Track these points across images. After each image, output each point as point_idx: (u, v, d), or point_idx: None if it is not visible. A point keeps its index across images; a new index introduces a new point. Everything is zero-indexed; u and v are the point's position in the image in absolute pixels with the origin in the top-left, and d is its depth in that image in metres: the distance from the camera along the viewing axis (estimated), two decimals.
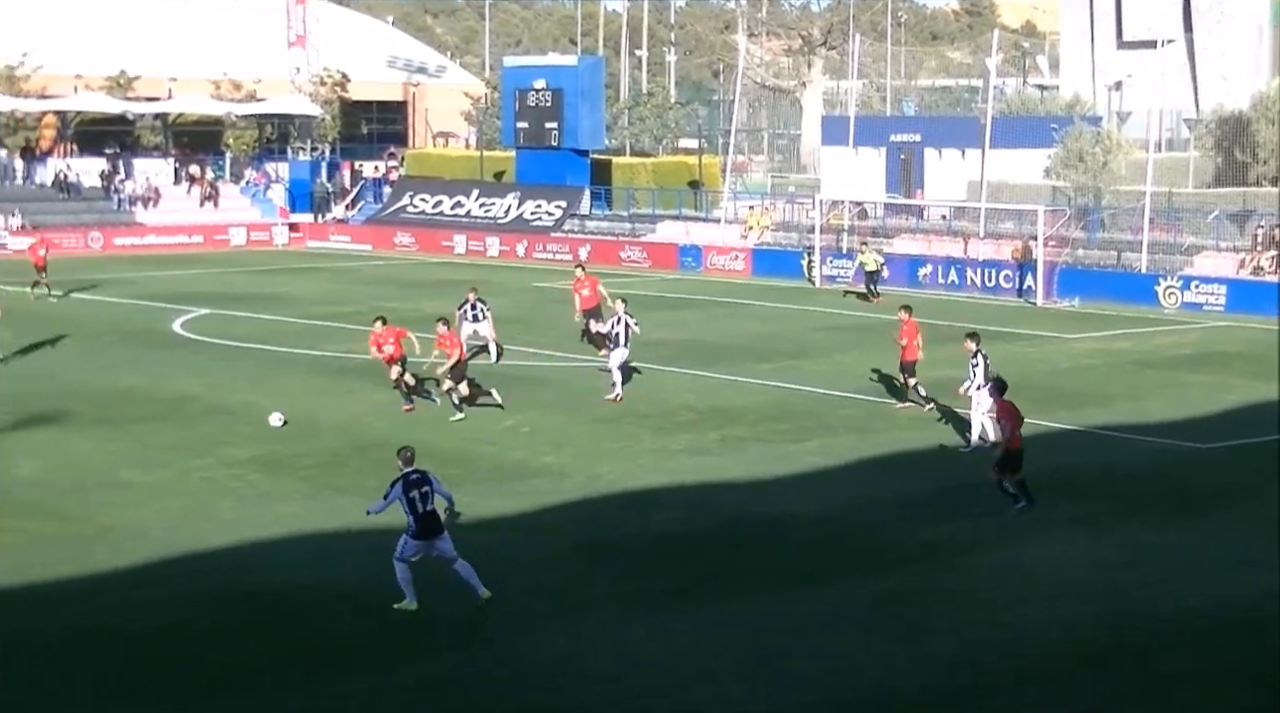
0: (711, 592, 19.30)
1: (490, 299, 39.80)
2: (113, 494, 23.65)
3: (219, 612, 18.28)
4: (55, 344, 38.79)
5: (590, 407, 31.25)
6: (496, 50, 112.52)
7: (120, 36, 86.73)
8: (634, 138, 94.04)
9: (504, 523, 22.48)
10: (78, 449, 26.80)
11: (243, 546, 21.09)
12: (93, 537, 21.32)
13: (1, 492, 23.61)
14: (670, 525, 22.54)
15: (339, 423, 29.21)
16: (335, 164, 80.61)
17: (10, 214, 67.50)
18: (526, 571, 20.12)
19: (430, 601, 18.64)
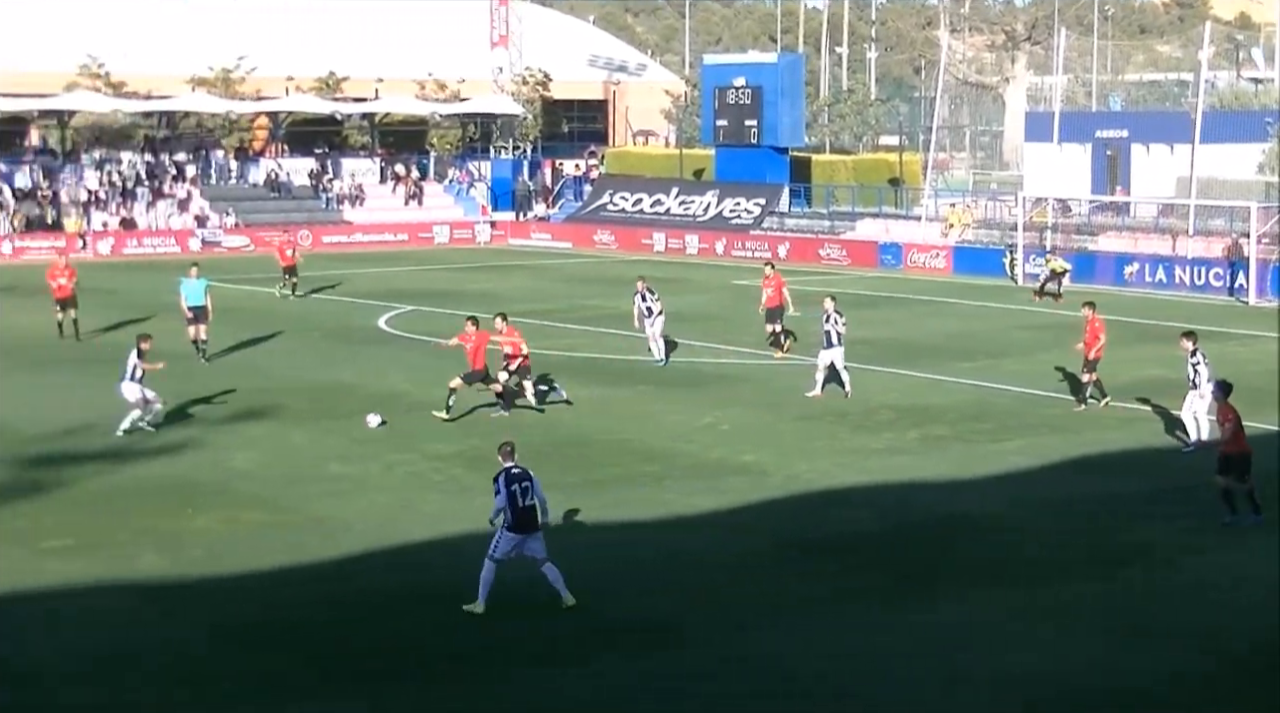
0: (912, 592, 19.19)
1: (689, 297, 40.01)
2: (323, 487, 24.22)
3: (420, 605, 18.63)
4: (266, 341, 39.78)
5: (790, 405, 31.22)
6: (696, 48, 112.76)
7: (329, 39, 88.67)
8: (834, 135, 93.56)
9: (704, 521, 22.57)
10: (290, 443, 27.48)
11: (444, 539, 21.43)
12: (303, 527, 21.86)
13: (218, 483, 24.31)
14: (870, 525, 22.45)
15: (542, 419, 29.54)
16: (536, 163, 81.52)
17: (224, 213, 69.42)
18: (728, 569, 20.19)
19: (633, 600, 18.81)
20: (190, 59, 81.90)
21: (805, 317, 37.48)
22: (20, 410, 30.03)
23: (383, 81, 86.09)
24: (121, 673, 16.24)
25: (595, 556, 20.77)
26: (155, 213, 68.79)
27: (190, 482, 24.21)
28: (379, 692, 15.83)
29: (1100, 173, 65.14)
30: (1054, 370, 34.64)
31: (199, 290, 36.83)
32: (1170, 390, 32.50)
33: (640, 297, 36.19)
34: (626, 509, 23.05)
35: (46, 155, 73.01)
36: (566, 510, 22.90)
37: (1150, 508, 23.23)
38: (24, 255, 62.50)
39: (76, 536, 20.96)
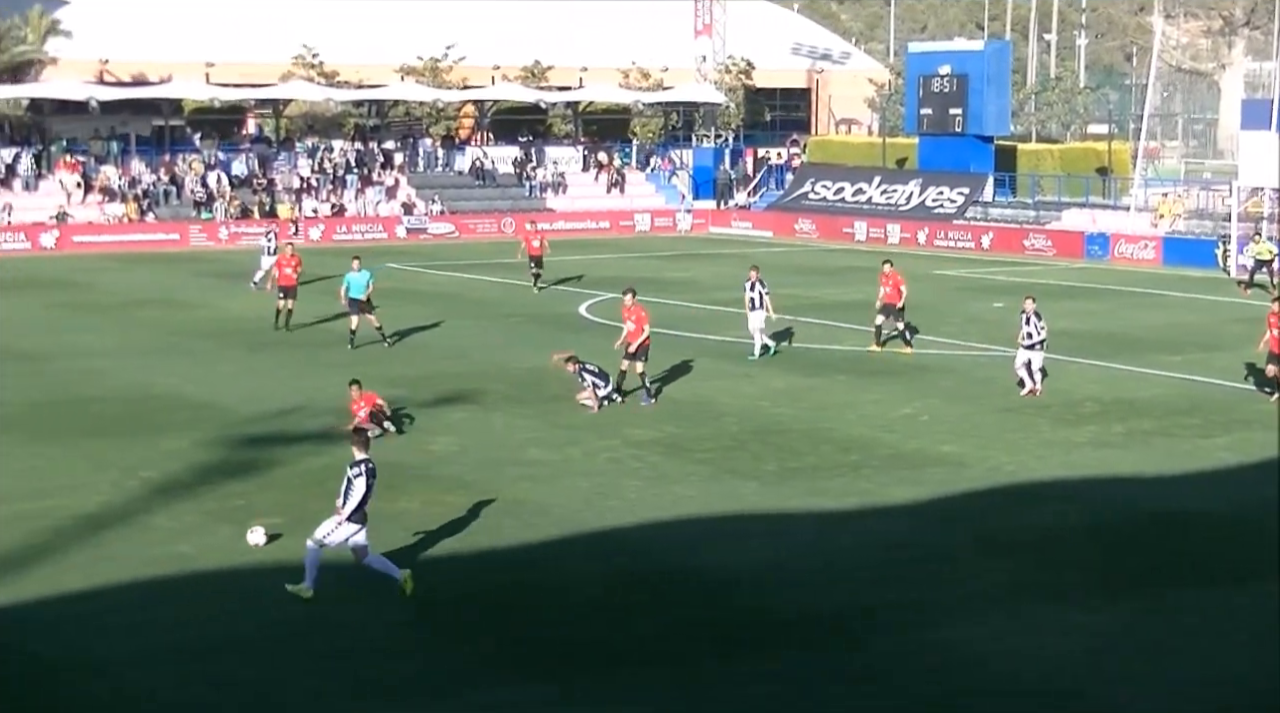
0: (1116, 588, 18.81)
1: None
2: (522, 471, 24.46)
3: (618, 590, 18.72)
4: (467, 326, 40.28)
5: (991, 396, 30.80)
6: (901, 36, 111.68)
7: (535, 29, 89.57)
8: (1040, 124, 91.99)
9: (902, 511, 22.38)
10: (492, 427, 27.81)
11: (643, 526, 21.51)
12: (503, 511, 22.10)
13: (420, 466, 24.71)
14: (1073, 519, 22.06)
15: (739, 407, 29.54)
16: (738, 151, 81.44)
17: (430, 200, 70.54)
18: (928, 560, 20.00)
19: (829, 589, 18.73)
20: (400, 49, 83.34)
21: (1003, 308, 36.80)
22: (234, 393, 30.85)
23: (587, 70, 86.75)
24: (317, 648, 16.59)
25: (792, 544, 20.72)
26: (364, 200, 70.16)
27: (393, 464, 24.58)
28: (570, 678, 15.94)
29: None
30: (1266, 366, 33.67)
31: (361, 283, 36.76)
32: None
33: (750, 286, 35.74)
34: (824, 498, 22.95)
35: (262, 144, 74.90)
36: (763, 499, 22.88)
37: None
38: (239, 241, 64.18)
39: (286, 514, 21.45)
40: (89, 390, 31.03)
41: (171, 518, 21.47)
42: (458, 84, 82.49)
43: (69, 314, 42.88)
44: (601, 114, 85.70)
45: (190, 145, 72.58)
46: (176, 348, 36.51)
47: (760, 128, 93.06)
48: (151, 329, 39.81)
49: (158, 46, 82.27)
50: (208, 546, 19.96)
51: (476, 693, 15.44)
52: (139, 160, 68.90)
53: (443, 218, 69.60)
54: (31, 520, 21.18)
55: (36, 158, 67.24)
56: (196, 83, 75.49)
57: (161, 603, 18.05)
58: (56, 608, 17.68)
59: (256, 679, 15.72)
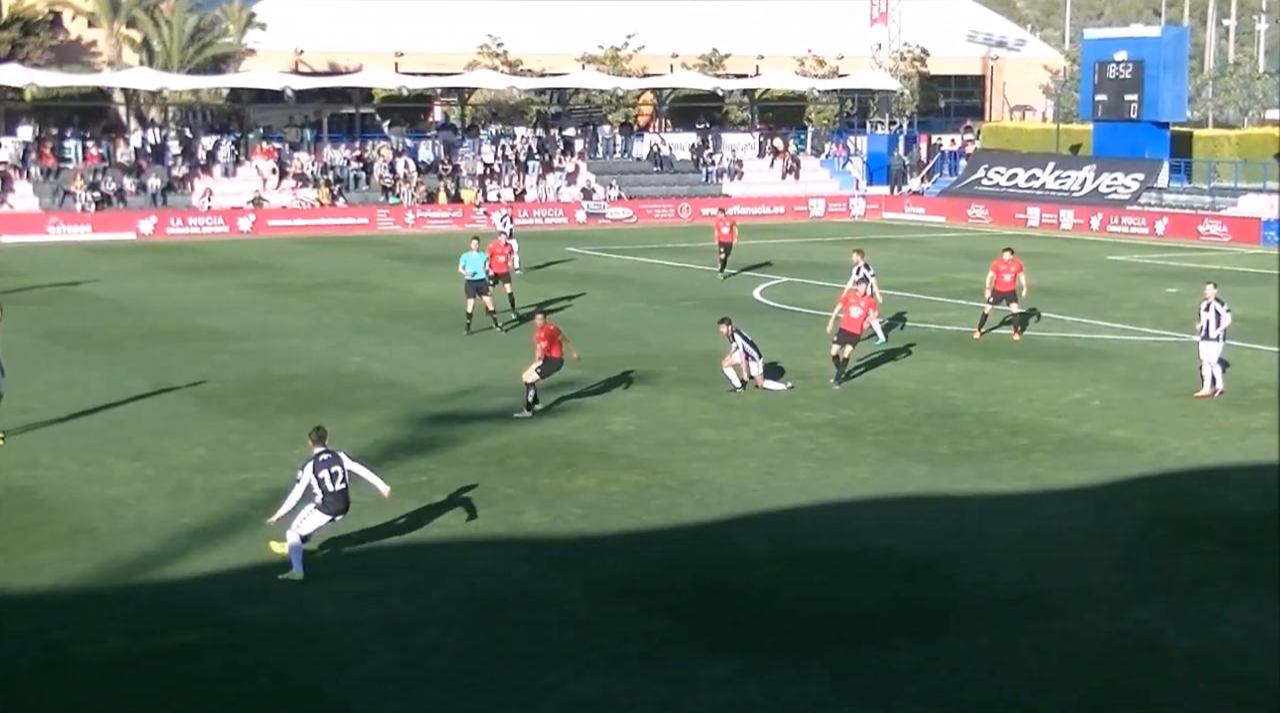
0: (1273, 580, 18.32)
1: (1063, 272, 38.94)
2: (696, 451, 24.48)
3: (796, 569, 18.66)
4: (644, 309, 40.39)
5: (1163, 382, 30.15)
6: (1077, 22, 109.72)
7: (713, 17, 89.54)
8: (1217, 109, 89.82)
9: (1073, 495, 22.02)
10: (666, 408, 27.87)
11: (816, 506, 21.42)
12: (677, 489, 22.13)
13: (598, 445, 24.85)
14: (1247, 506, 21.53)
15: (911, 391, 29.27)
16: (913, 137, 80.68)
17: (609, 186, 70.86)
18: (1098, 544, 19.66)
19: (1004, 571, 18.50)
20: (581, 38, 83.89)
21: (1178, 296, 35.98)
22: (418, 372, 31.30)
23: (763, 58, 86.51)
24: (500, 622, 16.77)
25: (965, 526, 20.48)
26: (545, 185, 70.71)
27: (571, 443, 24.81)
28: (757, 653, 15.91)
29: None
30: None
31: (479, 263, 36.25)
32: None
33: (856, 270, 35.07)
34: (995, 481, 22.65)
35: (448, 131, 75.84)
36: (935, 481, 22.66)
37: None
38: (425, 225, 65.07)
39: (467, 491, 21.70)
40: (282, 368, 31.69)
41: (358, 493, 21.82)
42: (637, 72, 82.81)
43: (263, 295, 43.83)
44: (777, 101, 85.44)
45: (379, 132, 73.80)
46: (364, 328, 37.13)
47: (934, 114, 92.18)
48: (341, 310, 40.53)
49: (349, 37, 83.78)
50: (392, 521, 20.26)
51: (667, 668, 15.49)
52: (331, 147, 70.17)
53: (621, 203, 69.88)
54: (229, 493, 21.69)
55: (235, 145, 68.84)
56: (386, 72, 76.73)
57: (355, 575, 18.34)
58: (256, 578, 18.07)
59: (460, 651, 15.93)
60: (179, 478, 22.52)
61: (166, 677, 15.18)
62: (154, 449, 24.31)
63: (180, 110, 76.44)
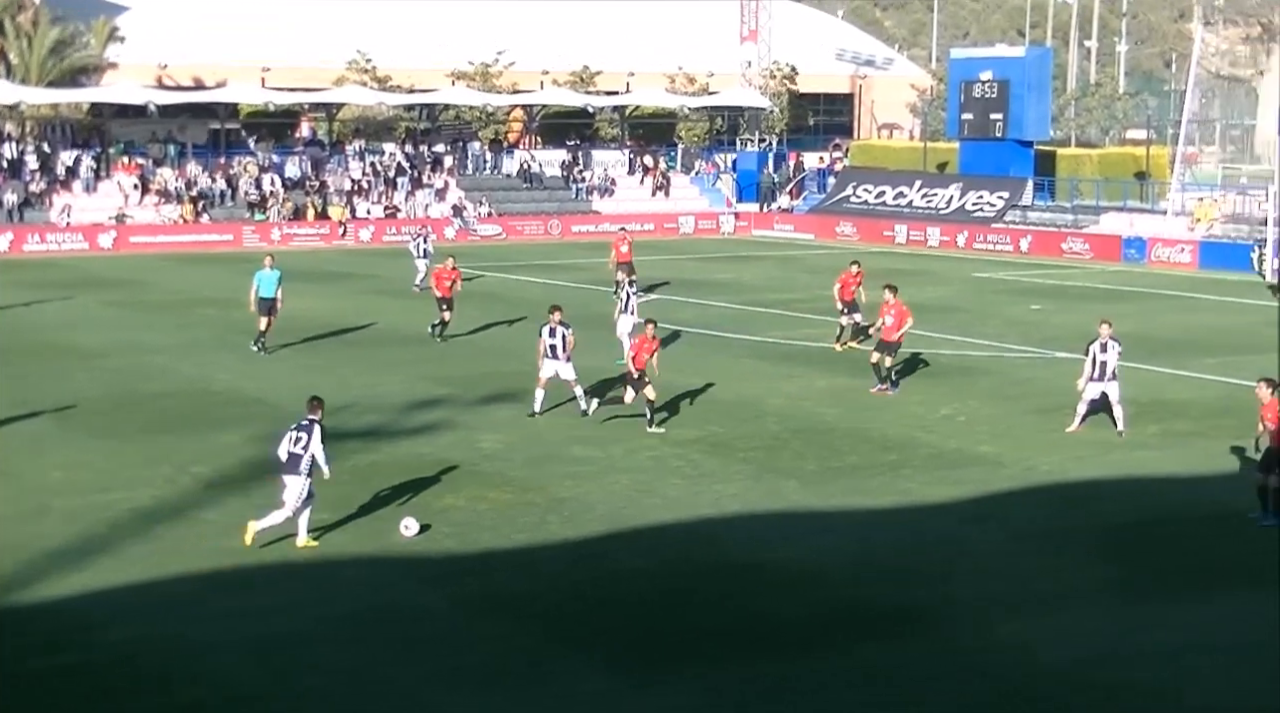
0: (1158, 588, 18.69)
1: (930, 289, 39.42)
2: (566, 468, 24.47)
3: (660, 587, 18.72)
4: (513, 325, 40.36)
5: (1028, 398, 30.66)
6: (944, 42, 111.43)
7: (584, 34, 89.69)
8: (1080, 129, 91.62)
9: (944, 509, 22.31)
10: (535, 425, 27.83)
11: (687, 523, 21.49)
12: (547, 507, 22.11)
13: (467, 463, 24.75)
14: (1113, 519, 21.94)
15: (780, 407, 29.49)
16: (782, 155, 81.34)
17: (479, 202, 70.67)
18: (970, 558, 19.95)
19: (875, 586, 18.68)
20: (451, 54, 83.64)
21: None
22: (288, 389, 30.94)
23: (634, 75, 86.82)
24: (374, 640, 16.65)
25: (835, 542, 20.67)
26: (414, 202, 70.36)
27: (441, 461, 24.69)
28: (633, 670, 15.94)
29: None
30: None
31: (272, 282, 35.68)
32: None
33: (627, 283, 35.34)
34: (865, 496, 22.89)
35: (315, 146, 75.20)
36: (806, 497, 22.84)
37: None
38: (292, 242, 64.44)
39: (334, 510, 21.52)
40: (146, 387, 31.22)
41: (223, 513, 21.57)
42: (507, 88, 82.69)
43: (128, 312, 43.16)
44: (648, 118, 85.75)
45: (245, 148, 72.96)
46: (232, 345, 36.66)
47: (803, 132, 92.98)
48: (207, 327, 40.01)
49: (214, 51, 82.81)
50: (259, 540, 20.02)
51: (546, 684, 15.50)
52: (195, 163, 69.28)
53: (491, 220, 69.73)
54: (90, 514, 21.31)
55: (96, 160, 67.70)
56: (252, 87, 75.87)
57: (228, 593, 18.12)
58: (124, 598, 17.79)
59: (335, 669, 15.79)
60: (38, 500, 22.09)
61: (36, 701, 14.88)
62: (12, 471, 23.83)
63: (38, 124, 75.05)
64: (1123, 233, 61.55)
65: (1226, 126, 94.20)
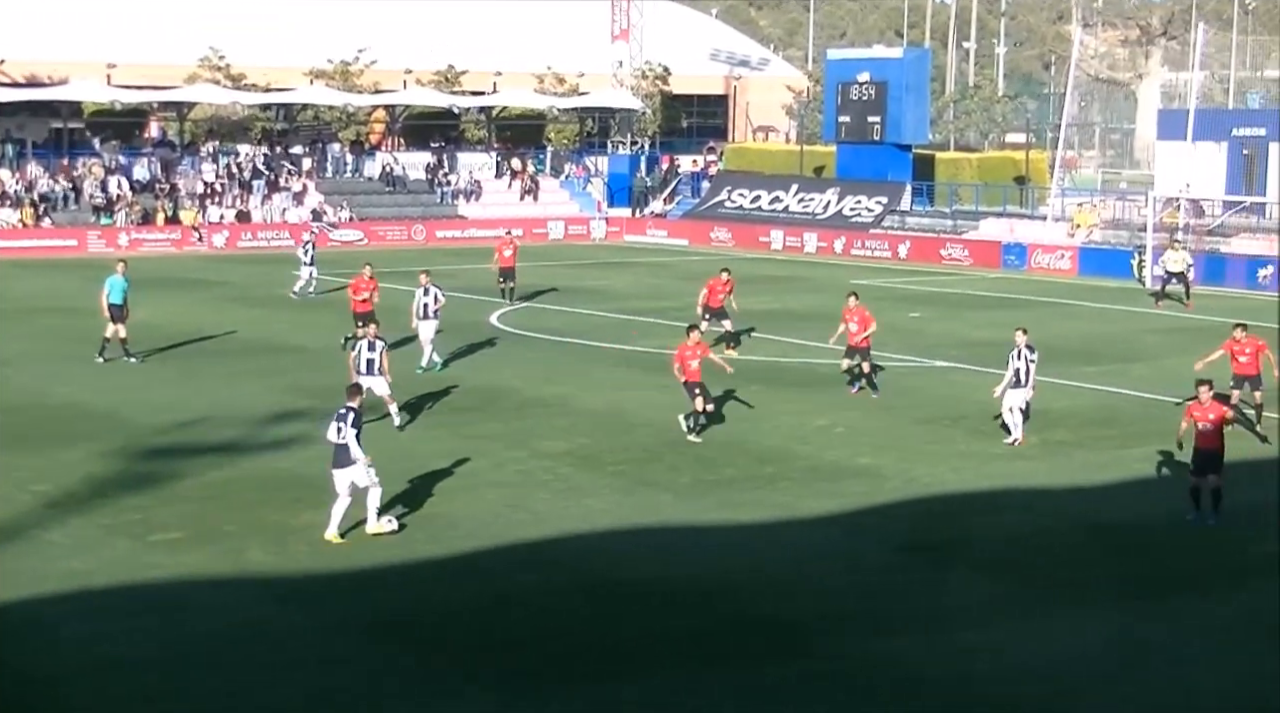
0: (1040, 601, 19.00)
1: (806, 296, 39.67)
2: (431, 483, 24.38)
3: (528, 603, 18.71)
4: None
5: (907, 408, 31.02)
6: (820, 43, 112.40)
7: (449, 32, 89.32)
8: (959, 132, 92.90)
9: (822, 523, 22.51)
10: (400, 438, 27.70)
11: (555, 539, 21.52)
12: (412, 524, 21.99)
13: (325, 479, 24.51)
14: (992, 530, 22.29)
15: (653, 419, 29.58)
16: (654, 158, 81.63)
17: (339, 207, 70.16)
18: (850, 572, 20.17)
19: (756, 602, 18.81)
20: (309, 52, 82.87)
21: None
22: (137, 403, 30.54)
23: (501, 75, 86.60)
24: (232, 663, 16.47)
25: (712, 557, 20.79)
26: (271, 206, 69.70)
27: (300, 477, 24.49)
28: (499, 688, 15.92)
29: (1236, 173, 64.09)
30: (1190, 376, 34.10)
31: (119, 289, 35.29)
32: None
33: (423, 291, 35.34)
34: (742, 510, 23.03)
35: (165, 147, 74.22)
36: (679, 512, 22.93)
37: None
38: (141, 248, 63.54)
39: (185, 529, 21.28)
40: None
41: (67, 533, 21.22)
42: (368, 88, 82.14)
43: None
44: (516, 120, 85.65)
45: (90, 149, 71.78)
46: (78, 356, 36.05)
47: (677, 134, 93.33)
48: (51, 337, 39.31)
49: (55, 46, 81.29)
50: (104, 561, 19.75)
51: (421, 705, 15.46)
52: (36, 163, 68.05)
53: (352, 224, 69.26)
54: None
55: None
56: (96, 84, 74.61)
57: (80, 618, 17.83)
58: None
59: (194, 694, 15.60)
60: None
61: None
62: None
63: None
64: (1002, 239, 62.51)
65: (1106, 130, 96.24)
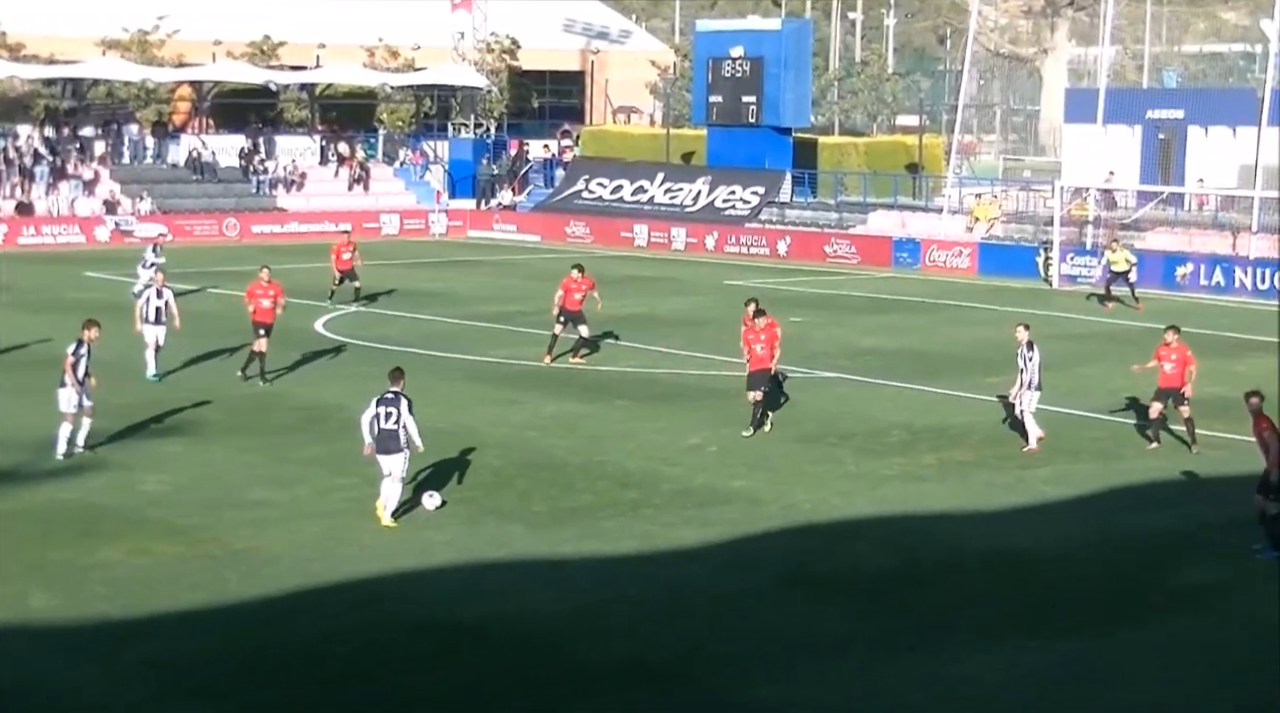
0: (935, 637, 19.21)
1: (675, 299, 39.72)
2: (246, 514, 24.16)
3: (353, 651, 18.61)
4: (182, 345, 39.66)
5: (788, 424, 31.22)
6: (688, 13, 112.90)
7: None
8: (844, 114, 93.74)
9: (691, 555, 22.58)
10: (210, 463, 27.43)
11: (389, 576, 21.41)
12: (223, 561, 21.81)
13: (125, 509, 24.25)
14: (883, 561, 22.50)
15: (503, 438, 29.54)
16: (502, 143, 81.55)
17: (138, 197, 69.31)
18: (722, 610, 20.24)
19: (619, 643, 18.84)
20: (101, 19, 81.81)
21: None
22: None
23: (325, 48, 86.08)
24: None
25: (569, 592, 20.79)
26: (57, 197, 68.66)
27: (91, 508, 24.18)
28: None
29: (1151, 159, 65.31)
30: (1102, 387, 34.75)
31: None
32: (1228, 410, 32.61)
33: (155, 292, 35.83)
34: (602, 541, 23.06)
35: None
36: (532, 544, 22.90)
37: (1193, 545, 23.38)
38: None
39: None
40: None
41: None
42: (171, 61, 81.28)
43: None
44: (343, 99, 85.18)
45: None
46: None
47: (527, 116, 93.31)
48: None
49: None
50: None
51: None
52: None
53: (154, 218, 68.44)
54: None
55: None
56: None
57: None
58: None
59: None
60: None
61: None
62: None
63: None
64: (893, 234, 63.15)
65: (1008, 112, 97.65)
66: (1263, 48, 76.91)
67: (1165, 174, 64.30)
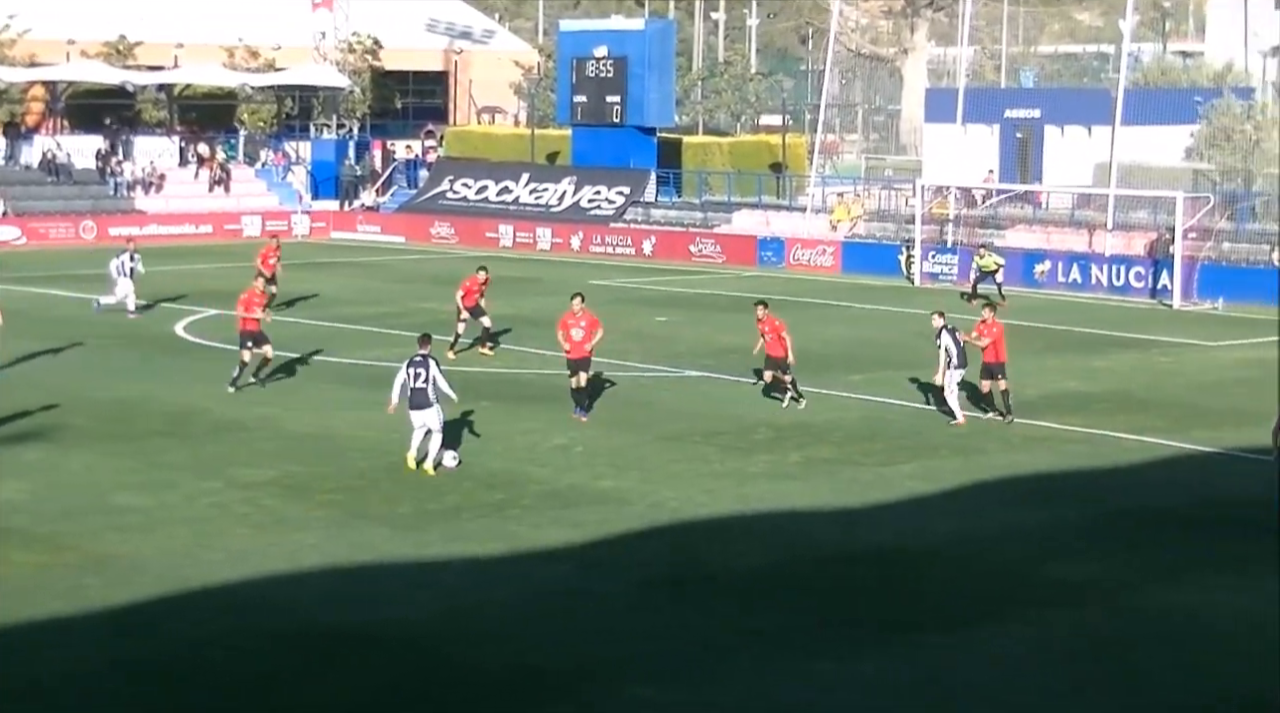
0: (808, 639, 19.31)
1: (540, 299, 39.79)
2: (109, 520, 23.94)
3: (228, 657, 18.51)
4: (41, 350, 39.24)
5: (654, 423, 31.38)
6: (552, 13, 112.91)
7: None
8: (708, 114, 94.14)
9: (558, 556, 22.62)
10: (70, 468, 27.13)
11: (257, 581, 21.28)
12: (86, 569, 21.59)
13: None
14: (751, 561, 22.62)
15: (368, 441, 29.44)
16: (365, 143, 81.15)
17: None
18: (589, 612, 20.27)
19: (488, 648, 18.85)
20: None
21: None
22: None
23: (183, 47, 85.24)
24: None
25: (439, 594, 20.77)
26: None
27: None
28: None
29: (1009, 158, 66.21)
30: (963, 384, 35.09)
31: None
32: (1087, 405, 33.23)
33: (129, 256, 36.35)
34: (469, 543, 23.05)
35: None
36: (399, 546, 22.88)
37: (1059, 540, 23.69)
38: None
39: None
40: None
41: None
42: (22, 61, 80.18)
43: None
44: (202, 99, 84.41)
45: None
46: None
47: (390, 117, 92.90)
48: None
49: None
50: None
51: None
52: None
53: (6, 221, 67.50)
54: None
55: None
56: None
57: None
58: None
59: None
60: None
61: None
62: None
63: None
64: (758, 233, 63.55)
65: (870, 111, 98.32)
66: (1116, 48, 78.02)
67: (1023, 172, 65.23)
